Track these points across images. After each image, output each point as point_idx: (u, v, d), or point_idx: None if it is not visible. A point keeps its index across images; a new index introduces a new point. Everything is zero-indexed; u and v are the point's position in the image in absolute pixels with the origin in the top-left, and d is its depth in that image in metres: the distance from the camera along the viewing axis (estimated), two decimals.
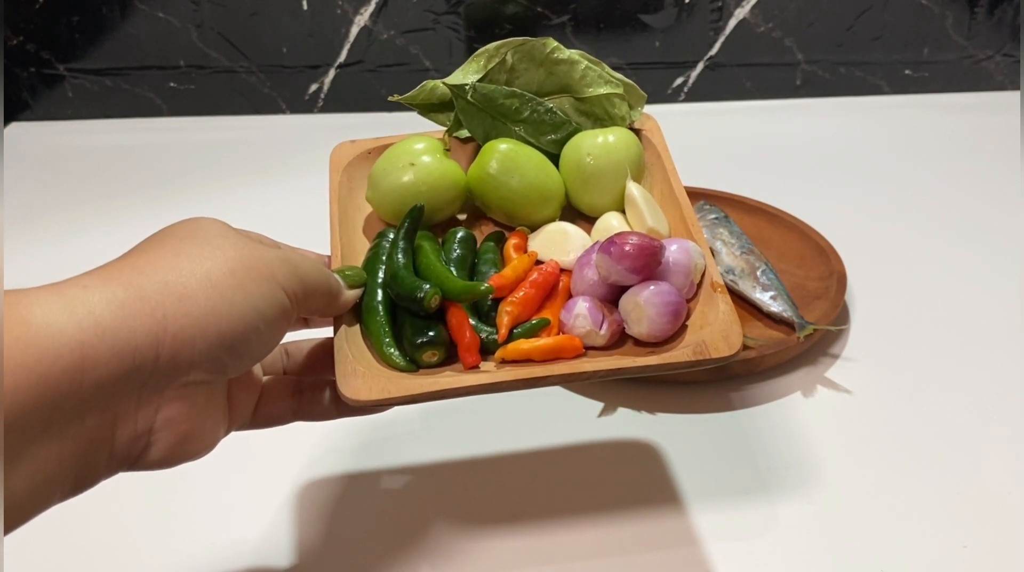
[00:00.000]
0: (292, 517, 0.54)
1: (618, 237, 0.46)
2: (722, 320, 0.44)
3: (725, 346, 0.43)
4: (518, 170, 0.53)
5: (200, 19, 1.10)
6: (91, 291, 0.32)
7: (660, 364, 0.44)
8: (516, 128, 0.55)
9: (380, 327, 0.45)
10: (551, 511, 0.54)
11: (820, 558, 0.51)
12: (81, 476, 0.33)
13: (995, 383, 0.65)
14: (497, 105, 0.54)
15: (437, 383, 0.42)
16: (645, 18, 1.13)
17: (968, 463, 0.57)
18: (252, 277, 0.36)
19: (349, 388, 0.41)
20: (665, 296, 0.45)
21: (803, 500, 0.55)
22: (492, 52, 0.55)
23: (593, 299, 0.46)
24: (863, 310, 0.73)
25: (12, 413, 0.29)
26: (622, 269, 0.45)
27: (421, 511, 0.55)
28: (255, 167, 1.03)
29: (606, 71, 0.57)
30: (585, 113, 0.56)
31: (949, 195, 0.94)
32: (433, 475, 0.58)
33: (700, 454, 0.59)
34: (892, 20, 1.14)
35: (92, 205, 0.95)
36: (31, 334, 0.30)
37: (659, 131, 0.58)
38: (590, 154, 0.53)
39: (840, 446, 0.59)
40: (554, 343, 0.45)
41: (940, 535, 0.52)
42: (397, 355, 0.44)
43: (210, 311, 0.34)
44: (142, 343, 0.32)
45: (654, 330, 0.45)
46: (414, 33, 1.12)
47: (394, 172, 0.52)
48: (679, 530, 0.53)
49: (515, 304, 0.46)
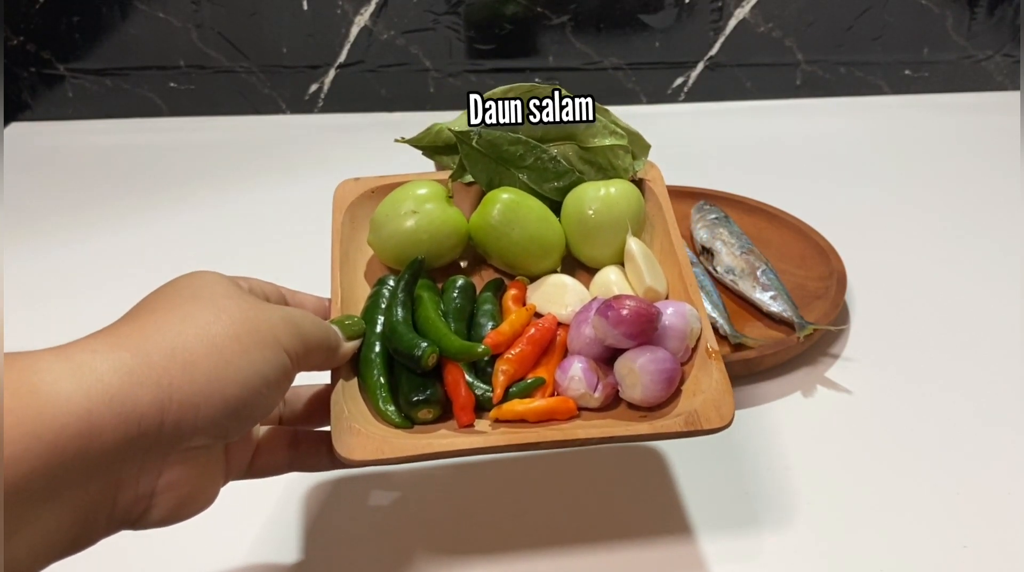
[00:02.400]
0: (277, 532, 0.53)
1: (615, 301, 0.46)
2: (715, 389, 0.45)
3: (717, 417, 0.43)
4: (520, 221, 0.53)
5: (200, 19, 1.10)
6: (99, 357, 0.32)
7: (652, 433, 0.44)
8: (520, 174, 0.55)
9: (376, 382, 0.45)
10: (548, 528, 0.53)
11: (820, 558, 0.51)
12: (80, 538, 0.33)
13: (995, 383, 0.65)
14: (502, 151, 0.54)
15: (431, 444, 0.43)
16: (645, 18, 1.13)
17: (968, 463, 0.57)
18: (256, 341, 0.36)
19: (344, 447, 0.42)
20: (660, 363, 0.45)
21: (803, 500, 0.55)
22: (498, 97, 0.55)
23: (589, 361, 0.46)
24: (863, 310, 0.73)
25: (20, 480, 0.29)
26: (619, 333, 0.45)
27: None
28: (255, 167, 1.03)
29: (611, 119, 0.56)
30: (589, 162, 0.56)
31: (949, 195, 0.94)
32: (420, 488, 0.56)
33: (700, 454, 0.59)
34: (892, 20, 1.14)
35: (92, 205, 0.95)
36: (40, 403, 0.30)
37: (661, 181, 0.58)
38: (592, 207, 0.53)
39: (840, 446, 0.59)
40: (548, 405, 0.45)
41: (940, 535, 0.52)
42: (393, 412, 0.44)
43: (215, 378, 0.34)
44: (148, 411, 0.32)
45: (648, 396, 0.45)
46: (414, 33, 1.12)
47: (396, 218, 0.52)
48: (677, 529, 0.53)
49: (511, 362, 0.47)
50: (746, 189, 0.87)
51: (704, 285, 0.71)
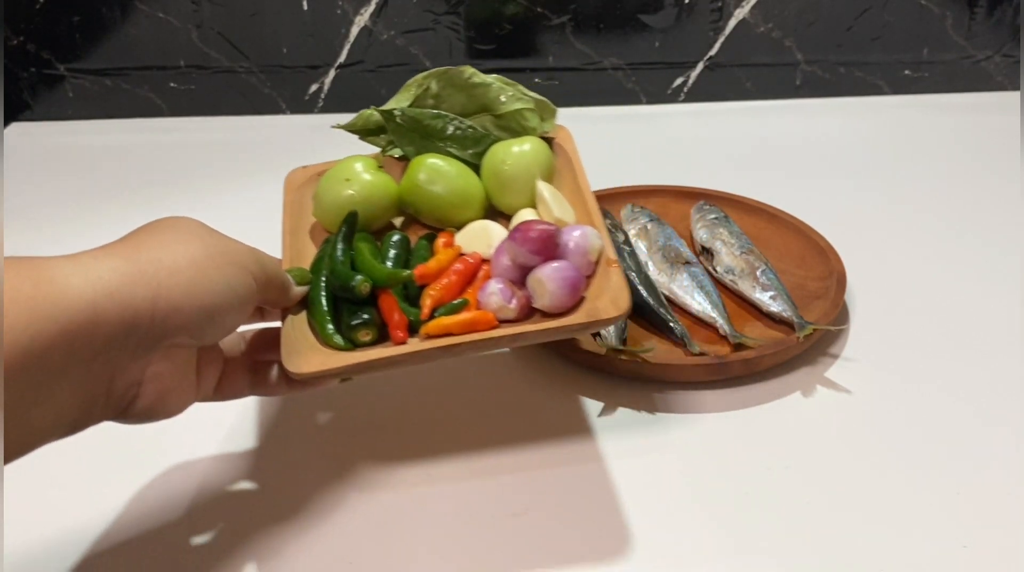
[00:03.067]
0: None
1: (522, 225, 0.54)
2: (613, 288, 0.52)
3: (614, 309, 0.50)
4: (442, 179, 0.61)
5: (200, 19, 1.10)
6: (100, 261, 0.39)
7: (558, 327, 0.51)
8: (442, 144, 0.64)
9: (323, 315, 0.52)
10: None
11: (820, 558, 0.51)
12: (81, 418, 0.40)
13: (995, 383, 0.65)
14: (424, 126, 0.64)
15: (367, 355, 0.50)
16: (645, 18, 1.13)
17: (968, 463, 0.57)
18: (228, 261, 0.44)
19: (292, 363, 0.49)
20: (563, 272, 0.52)
21: (802, 500, 0.55)
22: (420, 81, 0.66)
23: (505, 280, 0.54)
24: (863, 310, 0.73)
25: (41, 352, 0.35)
26: (526, 251, 0.53)
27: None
28: (255, 167, 1.03)
29: (519, 90, 0.65)
30: (503, 127, 0.65)
31: (949, 195, 0.94)
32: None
33: (700, 454, 0.59)
34: (892, 20, 1.14)
35: (92, 205, 0.95)
36: (56, 291, 0.36)
37: (571, 139, 0.65)
38: (505, 161, 0.62)
39: (840, 446, 0.59)
40: (471, 317, 0.52)
41: (940, 535, 0.52)
42: (337, 337, 0.51)
43: (195, 285, 0.42)
44: (141, 306, 0.39)
45: (555, 302, 0.52)
46: (414, 33, 1.12)
47: (335, 188, 0.61)
48: (675, 529, 0.53)
49: (437, 289, 0.54)
50: (746, 189, 0.87)
51: (704, 285, 0.71)
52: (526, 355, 0.68)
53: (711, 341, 0.67)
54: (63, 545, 0.52)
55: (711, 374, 0.64)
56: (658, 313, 0.68)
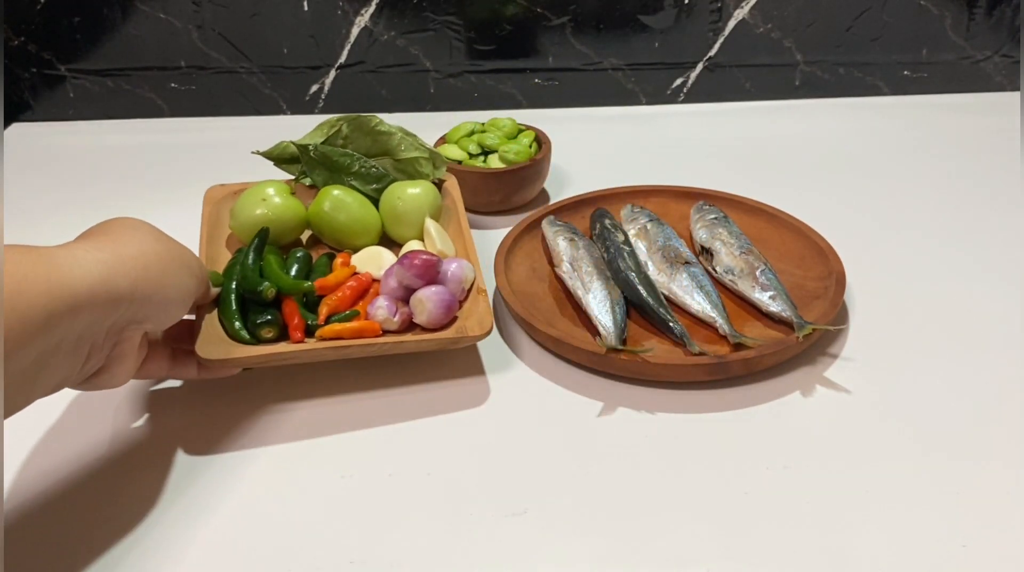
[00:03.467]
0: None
1: (410, 254, 0.65)
2: (480, 312, 0.63)
3: (479, 328, 0.62)
4: (345, 208, 0.72)
5: (201, 20, 1.10)
6: (90, 253, 0.46)
7: (431, 339, 0.62)
8: (348, 178, 0.75)
9: (232, 313, 0.62)
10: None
11: (819, 558, 0.51)
12: (62, 383, 0.48)
13: (994, 383, 0.65)
14: (333, 161, 0.75)
15: (268, 349, 0.60)
16: (644, 19, 1.13)
17: (967, 463, 0.57)
18: (184, 263, 0.54)
19: (204, 351, 0.58)
20: (439, 294, 0.63)
21: (802, 500, 0.55)
22: (333, 123, 0.77)
23: (391, 297, 0.64)
24: (862, 310, 0.73)
25: (54, 325, 0.42)
26: (411, 275, 0.64)
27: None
28: (256, 168, 1.03)
29: (417, 141, 0.78)
30: (400, 170, 0.77)
31: (948, 195, 0.94)
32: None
33: (699, 454, 0.59)
34: (891, 21, 1.14)
35: (93, 206, 0.95)
36: (65, 276, 0.43)
37: (457, 186, 0.78)
38: (400, 198, 0.73)
39: (839, 446, 0.59)
40: (359, 326, 0.62)
41: (940, 535, 0.52)
42: (243, 332, 0.61)
43: (161, 280, 0.51)
44: (123, 293, 0.47)
45: (432, 319, 0.63)
46: (414, 34, 1.12)
47: (250, 206, 0.71)
48: (675, 529, 0.53)
49: (333, 300, 0.64)
50: (745, 189, 0.87)
51: (703, 285, 0.71)
52: (528, 358, 0.69)
53: (711, 341, 0.67)
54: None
55: (711, 374, 0.64)
56: (658, 313, 0.68)
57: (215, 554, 0.52)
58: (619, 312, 0.68)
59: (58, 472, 0.58)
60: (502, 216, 0.90)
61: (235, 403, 0.64)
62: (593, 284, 0.70)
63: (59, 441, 0.60)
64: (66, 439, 0.61)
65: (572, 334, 0.68)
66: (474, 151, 0.91)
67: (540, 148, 0.92)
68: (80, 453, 0.60)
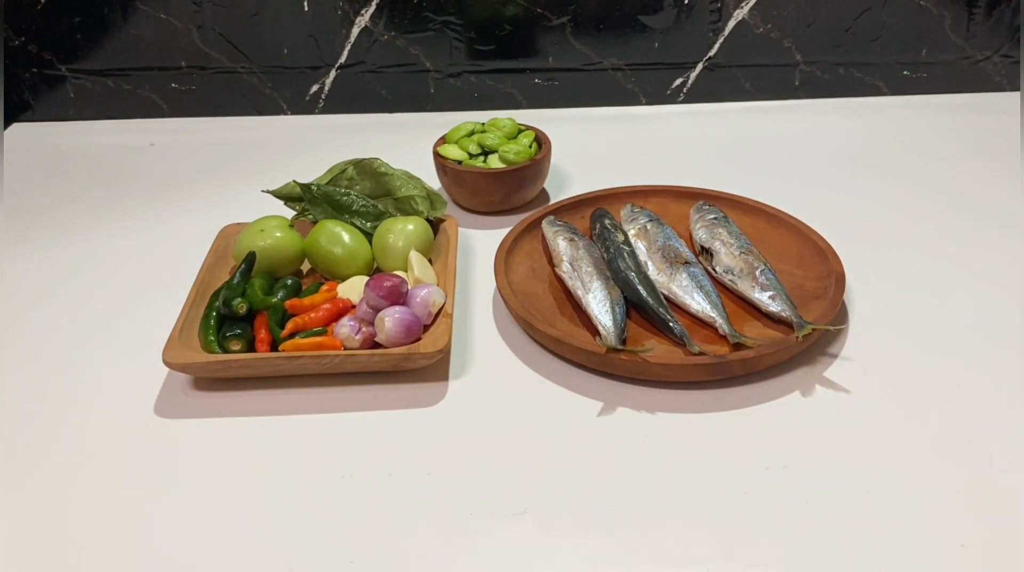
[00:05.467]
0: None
1: (378, 277, 0.69)
2: (437, 333, 0.66)
3: (431, 346, 0.64)
4: (339, 242, 0.77)
5: (201, 20, 1.10)
6: None
7: (382, 353, 0.64)
8: (348, 216, 0.81)
9: (209, 326, 0.68)
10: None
11: (819, 558, 0.51)
12: None
13: (994, 382, 0.65)
14: (335, 200, 0.82)
15: (231, 358, 0.64)
16: (644, 19, 1.13)
17: (967, 463, 0.57)
18: None
19: (169, 355, 0.63)
20: (401, 315, 0.66)
21: (802, 500, 0.55)
22: (341, 167, 0.85)
23: (357, 317, 0.67)
24: (861, 310, 0.74)
25: None
26: (376, 296, 0.67)
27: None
28: (256, 168, 1.03)
29: (418, 182, 0.84)
30: (399, 208, 0.83)
31: (947, 195, 0.94)
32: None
33: (699, 454, 0.59)
34: (890, 21, 1.14)
35: (93, 206, 0.95)
36: None
37: (455, 226, 0.82)
38: (391, 233, 0.78)
39: (838, 445, 0.59)
40: (319, 341, 0.66)
41: (940, 534, 0.52)
42: (214, 344, 0.66)
43: None
44: None
45: (392, 338, 0.65)
46: (414, 34, 1.12)
47: (251, 238, 0.77)
48: (675, 528, 0.53)
49: (303, 318, 0.68)
50: (745, 189, 0.87)
51: (703, 285, 0.71)
52: (528, 358, 0.69)
53: (710, 341, 0.67)
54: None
55: (710, 374, 0.64)
56: (657, 313, 0.68)
57: (215, 554, 0.52)
58: (619, 312, 0.68)
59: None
60: (502, 216, 0.90)
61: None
62: (593, 284, 0.71)
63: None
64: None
65: (572, 334, 0.68)
66: (474, 151, 0.91)
67: (540, 148, 0.92)
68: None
